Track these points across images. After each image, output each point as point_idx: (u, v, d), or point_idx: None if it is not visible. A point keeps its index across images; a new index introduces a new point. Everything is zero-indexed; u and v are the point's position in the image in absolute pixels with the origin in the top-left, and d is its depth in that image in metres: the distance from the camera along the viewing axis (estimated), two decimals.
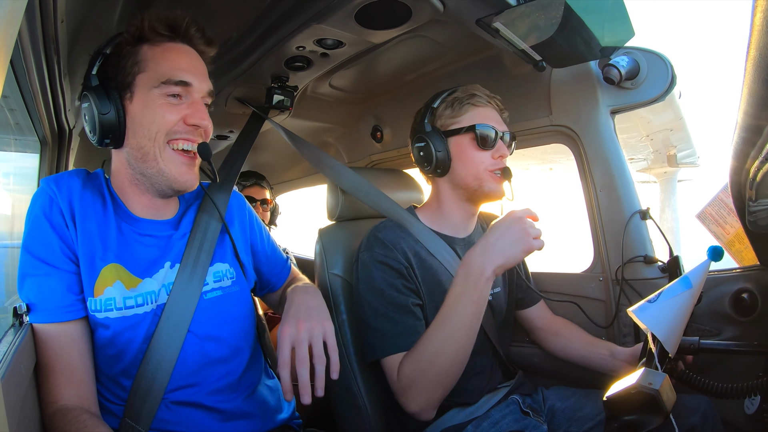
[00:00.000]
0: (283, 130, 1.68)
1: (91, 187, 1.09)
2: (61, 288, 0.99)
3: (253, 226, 1.35)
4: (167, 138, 1.04)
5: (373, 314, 1.31)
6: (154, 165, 1.05)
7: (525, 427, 1.31)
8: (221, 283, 1.18)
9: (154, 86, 1.03)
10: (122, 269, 1.05)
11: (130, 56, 1.05)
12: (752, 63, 0.58)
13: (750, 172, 0.84)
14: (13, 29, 0.47)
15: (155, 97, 1.03)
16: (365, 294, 1.34)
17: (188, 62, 1.07)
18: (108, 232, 1.06)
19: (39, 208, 1.02)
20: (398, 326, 1.28)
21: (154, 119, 1.02)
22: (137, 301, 1.05)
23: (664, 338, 0.91)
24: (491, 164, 1.39)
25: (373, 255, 1.35)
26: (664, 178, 5.39)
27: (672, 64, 1.47)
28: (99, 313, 1.01)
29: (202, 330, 1.11)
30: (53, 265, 1.00)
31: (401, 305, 1.30)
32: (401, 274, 1.33)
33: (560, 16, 1.30)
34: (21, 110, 1.51)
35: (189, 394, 1.08)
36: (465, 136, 1.40)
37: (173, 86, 1.03)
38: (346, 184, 1.60)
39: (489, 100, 1.43)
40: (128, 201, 1.11)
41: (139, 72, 1.04)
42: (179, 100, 1.05)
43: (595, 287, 1.65)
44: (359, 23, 1.33)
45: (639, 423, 0.75)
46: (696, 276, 1.00)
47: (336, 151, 2.71)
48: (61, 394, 0.96)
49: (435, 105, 1.45)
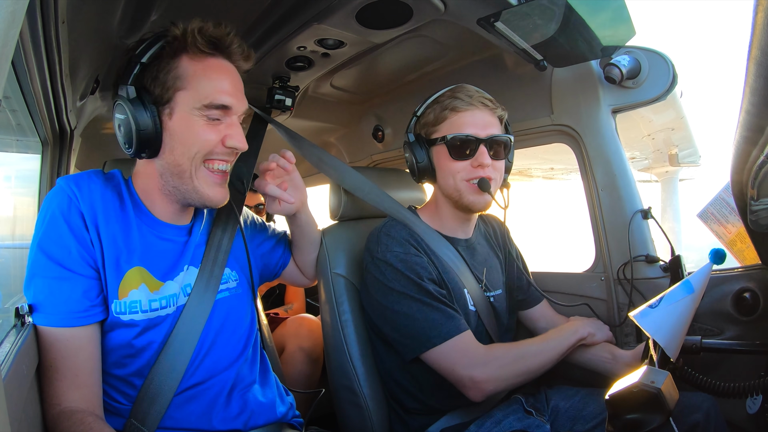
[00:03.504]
0: (284, 130, 1.68)
1: (111, 188, 1.08)
2: (75, 293, 0.97)
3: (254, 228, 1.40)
4: (205, 158, 1.05)
5: (416, 305, 1.28)
6: (189, 183, 1.05)
7: (528, 427, 1.31)
8: (227, 284, 1.21)
9: (196, 107, 1.02)
10: (146, 272, 1.06)
11: (170, 69, 1.02)
12: (754, 62, 0.57)
13: (752, 171, 0.84)
14: (15, 30, 0.47)
15: (196, 118, 1.02)
16: (400, 288, 1.29)
17: (230, 84, 1.06)
18: (131, 234, 1.06)
19: (56, 207, 0.99)
20: (444, 312, 1.27)
21: (195, 141, 1.03)
22: (161, 304, 1.06)
23: (666, 344, 0.91)
24: (469, 174, 1.35)
25: (395, 254, 1.32)
26: (666, 177, 5.37)
27: (673, 63, 1.47)
28: (124, 315, 1.01)
29: (211, 330, 1.13)
30: (69, 268, 0.98)
31: (439, 294, 1.30)
32: (425, 267, 1.32)
33: (561, 15, 1.30)
34: (22, 111, 1.51)
35: (194, 392, 1.09)
36: (442, 146, 1.37)
37: (215, 110, 1.03)
38: (349, 183, 1.60)
39: (472, 102, 1.36)
40: (152, 206, 1.11)
41: (180, 89, 1.02)
42: (219, 121, 1.05)
43: (597, 287, 1.64)
44: (360, 23, 1.33)
45: (641, 422, 0.74)
46: (698, 280, 1.00)
47: (337, 151, 2.71)
48: (66, 397, 0.96)
49: (419, 113, 1.44)
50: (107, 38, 1.41)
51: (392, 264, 1.32)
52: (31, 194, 1.84)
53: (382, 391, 1.44)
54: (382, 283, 1.33)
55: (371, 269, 1.37)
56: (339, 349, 1.44)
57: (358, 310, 1.48)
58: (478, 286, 1.43)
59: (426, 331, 1.26)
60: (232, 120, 1.06)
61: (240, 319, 1.22)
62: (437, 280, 1.34)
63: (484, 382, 1.21)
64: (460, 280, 1.39)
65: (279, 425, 1.23)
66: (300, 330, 2.18)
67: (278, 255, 1.45)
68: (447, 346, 1.24)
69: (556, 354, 1.30)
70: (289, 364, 2.07)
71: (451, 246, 1.43)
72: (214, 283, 1.15)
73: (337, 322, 1.46)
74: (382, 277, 1.33)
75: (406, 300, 1.29)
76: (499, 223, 1.67)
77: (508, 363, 1.25)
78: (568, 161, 3.74)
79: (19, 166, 1.85)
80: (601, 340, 1.45)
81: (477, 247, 1.53)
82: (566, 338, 1.35)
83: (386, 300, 1.32)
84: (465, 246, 1.49)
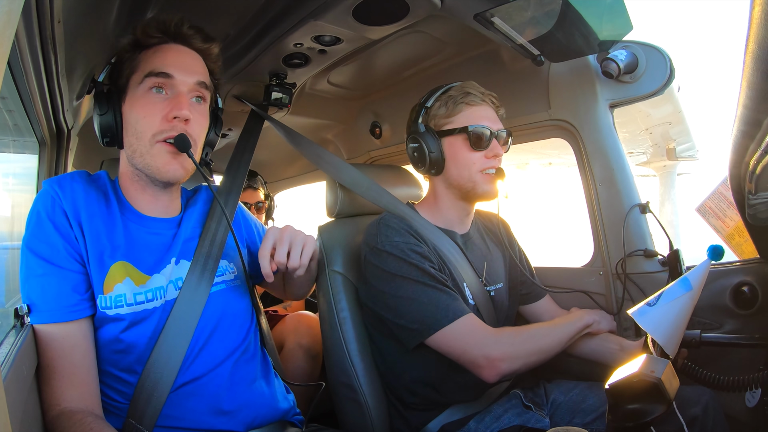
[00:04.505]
0: (281, 127, 1.68)
1: (95, 187, 1.12)
2: (65, 287, 1.00)
3: (249, 227, 1.40)
4: (154, 138, 1.06)
5: (421, 288, 1.27)
6: (141, 160, 1.09)
7: (527, 421, 1.31)
8: (224, 277, 1.21)
9: (139, 83, 1.08)
10: (130, 266, 1.07)
11: (128, 62, 1.10)
12: (751, 56, 0.58)
13: (749, 165, 0.84)
14: (11, 30, 0.47)
15: (140, 94, 1.07)
16: (403, 273, 1.29)
17: (175, 57, 1.11)
18: (115, 230, 1.08)
19: (42, 208, 1.03)
20: (450, 294, 1.28)
21: (138, 118, 1.07)
22: (147, 297, 1.07)
23: (664, 342, 0.91)
24: (484, 164, 1.39)
25: (395, 243, 1.32)
26: (664, 171, 5.39)
27: (670, 58, 1.46)
28: (110, 310, 1.02)
29: (208, 323, 1.13)
30: (57, 264, 1.00)
31: (441, 279, 1.30)
32: (426, 256, 1.32)
33: (558, 10, 1.30)
34: (19, 111, 1.50)
35: (191, 389, 1.09)
36: (458, 136, 1.39)
37: (154, 78, 1.07)
38: (346, 180, 1.60)
39: (484, 98, 1.42)
40: (133, 199, 1.15)
41: (132, 73, 1.10)
42: (164, 95, 1.08)
43: (596, 281, 1.65)
44: (357, 19, 1.33)
45: (642, 411, 0.73)
46: (696, 277, 1.00)
47: (335, 148, 2.71)
48: (64, 396, 0.96)
49: (429, 104, 1.45)
50: (103, 37, 1.40)
51: (393, 252, 1.31)
52: (29, 194, 1.84)
53: (381, 387, 1.45)
54: (384, 270, 1.32)
55: (371, 259, 1.36)
56: (337, 346, 1.45)
57: (356, 307, 1.48)
58: (477, 279, 1.44)
59: (433, 312, 1.25)
60: (178, 91, 1.08)
61: (238, 312, 1.21)
62: (439, 268, 1.34)
63: (499, 360, 1.20)
64: (460, 274, 1.39)
65: (281, 423, 1.23)
66: (299, 327, 2.18)
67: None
68: (456, 326, 1.23)
69: (565, 337, 1.30)
70: (289, 361, 2.07)
71: (450, 240, 1.44)
72: (208, 275, 1.15)
73: (335, 319, 1.46)
74: (384, 265, 1.32)
75: (410, 284, 1.28)
76: (499, 219, 1.68)
77: (520, 342, 1.25)
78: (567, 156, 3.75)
79: (19, 166, 1.84)
80: (606, 329, 1.46)
81: (475, 241, 1.53)
82: (573, 323, 1.34)
83: (388, 287, 1.31)
84: (463, 240, 1.49)
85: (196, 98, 1.12)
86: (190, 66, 1.11)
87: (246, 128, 1.68)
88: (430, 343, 1.27)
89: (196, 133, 1.10)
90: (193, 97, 1.11)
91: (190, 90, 1.10)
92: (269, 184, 3.18)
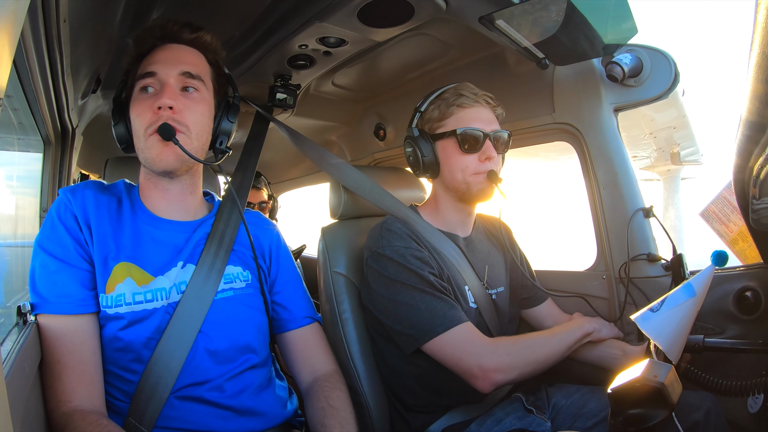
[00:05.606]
0: (285, 128, 1.68)
1: (108, 194, 1.18)
2: (74, 283, 1.05)
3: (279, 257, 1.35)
4: (146, 132, 1.10)
5: (419, 295, 1.27)
6: (142, 155, 1.14)
7: (528, 425, 1.31)
8: (232, 284, 1.20)
9: (134, 88, 1.14)
10: (133, 267, 1.09)
11: (132, 73, 1.17)
12: (756, 61, 0.57)
13: (753, 170, 0.84)
14: (16, 29, 0.48)
15: (134, 97, 1.14)
16: (402, 279, 1.29)
17: (161, 55, 1.15)
18: (122, 232, 1.13)
19: (54, 212, 1.10)
20: (447, 302, 1.27)
21: (134, 118, 1.13)
22: (146, 297, 1.08)
23: (667, 348, 0.90)
24: (477, 167, 1.37)
25: (396, 248, 1.32)
26: (668, 175, 5.38)
27: (675, 62, 1.46)
28: (110, 309, 1.05)
29: (211, 329, 1.12)
30: (67, 262, 1.05)
31: (440, 286, 1.30)
32: (426, 261, 1.32)
33: (563, 13, 1.29)
34: (24, 110, 1.51)
35: (194, 391, 1.08)
36: (450, 140, 1.39)
37: (142, 80, 1.12)
38: (350, 182, 1.60)
39: (477, 99, 1.40)
40: (149, 200, 1.19)
41: (133, 82, 1.16)
42: (152, 92, 1.12)
43: (599, 285, 1.64)
44: (362, 21, 1.33)
45: (644, 416, 0.73)
46: (699, 283, 1.00)
47: (339, 150, 2.71)
48: (75, 394, 0.97)
49: (423, 108, 1.45)
50: (108, 37, 1.41)
51: (393, 257, 1.32)
52: (34, 195, 1.84)
53: (382, 389, 1.44)
54: (384, 275, 1.33)
55: (372, 264, 1.37)
56: (339, 348, 1.44)
57: (358, 308, 1.48)
58: (479, 283, 1.43)
59: (430, 320, 1.25)
60: (165, 82, 1.12)
61: (247, 321, 1.20)
62: (438, 275, 1.34)
63: (493, 370, 1.20)
64: (462, 277, 1.39)
65: (285, 426, 1.22)
66: None
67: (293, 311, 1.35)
68: (452, 334, 1.24)
69: (563, 347, 1.29)
70: None
71: (453, 243, 1.44)
72: (214, 278, 1.15)
73: (337, 320, 1.46)
74: (384, 269, 1.33)
75: (409, 290, 1.28)
76: (500, 224, 1.67)
77: (516, 352, 1.24)
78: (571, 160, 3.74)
79: (22, 166, 1.85)
80: (608, 337, 1.45)
81: (477, 244, 1.53)
82: (572, 332, 1.34)
83: (388, 292, 1.32)
84: (465, 243, 1.49)
85: (187, 88, 1.14)
86: (174, 59, 1.14)
87: (252, 133, 1.69)
88: (425, 350, 1.27)
89: (188, 120, 1.12)
90: (181, 87, 1.13)
91: (176, 81, 1.12)
92: (273, 184, 3.19)
